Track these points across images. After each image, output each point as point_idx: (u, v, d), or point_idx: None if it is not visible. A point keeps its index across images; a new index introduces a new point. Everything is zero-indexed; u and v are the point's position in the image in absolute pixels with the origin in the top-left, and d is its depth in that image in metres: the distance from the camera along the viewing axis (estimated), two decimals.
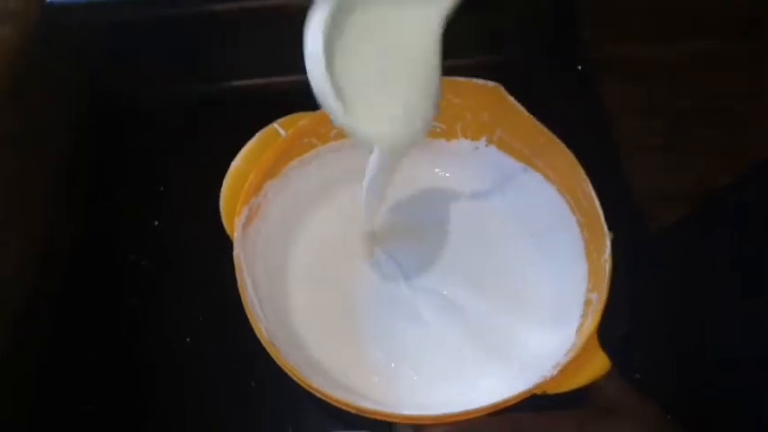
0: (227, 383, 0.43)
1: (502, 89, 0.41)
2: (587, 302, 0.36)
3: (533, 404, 0.33)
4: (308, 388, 0.33)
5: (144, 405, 0.43)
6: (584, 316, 0.36)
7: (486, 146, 0.44)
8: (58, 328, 0.45)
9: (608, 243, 0.36)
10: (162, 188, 0.50)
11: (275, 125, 0.41)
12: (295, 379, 0.33)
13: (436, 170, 0.46)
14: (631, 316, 0.40)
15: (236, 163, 0.40)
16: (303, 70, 0.53)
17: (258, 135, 0.40)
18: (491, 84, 0.41)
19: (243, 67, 0.54)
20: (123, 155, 0.52)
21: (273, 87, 0.54)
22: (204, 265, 0.46)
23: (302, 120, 0.41)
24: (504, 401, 0.32)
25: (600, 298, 0.35)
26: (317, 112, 0.41)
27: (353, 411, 0.32)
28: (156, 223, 0.48)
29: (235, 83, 0.54)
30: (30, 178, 0.47)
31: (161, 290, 0.46)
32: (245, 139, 0.41)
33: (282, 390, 0.38)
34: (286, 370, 0.33)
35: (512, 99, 0.40)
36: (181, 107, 0.53)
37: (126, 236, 0.49)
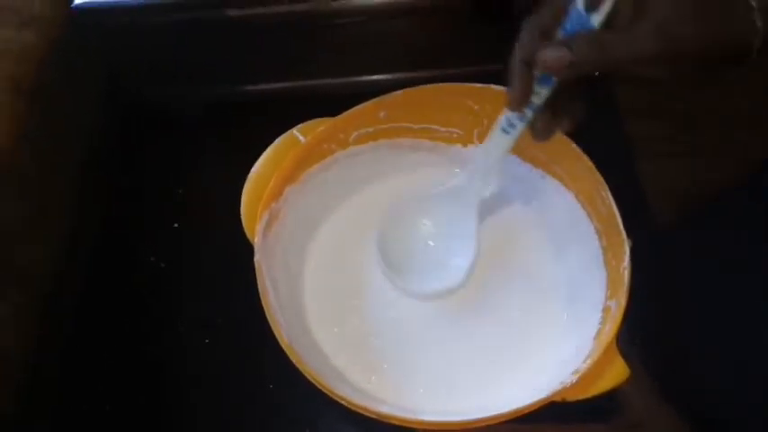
0: (244, 385, 0.43)
1: None
2: (606, 310, 0.36)
3: (555, 413, 0.33)
4: (327, 392, 0.33)
5: (161, 405, 0.43)
6: (602, 323, 0.36)
7: None
8: (78, 328, 0.46)
9: (627, 250, 0.36)
10: (181, 191, 0.51)
11: (294, 131, 0.41)
12: (314, 383, 0.33)
13: (455, 170, 0.45)
14: (648, 323, 0.40)
15: (256, 168, 0.40)
16: (323, 75, 0.55)
17: (278, 141, 0.41)
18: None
19: (263, 72, 0.54)
20: (144, 158, 0.53)
21: (293, 92, 0.55)
22: (223, 267, 0.46)
23: (321, 125, 0.41)
24: (523, 408, 0.32)
25: (619, 305, 0.35)
26: (336, 118, 0.42)
27: (372, 417, 0.33)
28: (176, 225, 0.49)
29: (255, 87, 0.55)
30: (51, 180, 0.48)
31: (180, 292, 0.47)
32: (265, 143, 0.41)
33: (299, 392, 0.38)
34: (305, 374, 0.34)
35: None
36: (201, 111, 0.53)
37: (146, 238, 0.49)
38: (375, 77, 0.54)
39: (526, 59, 0.32)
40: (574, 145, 0.40)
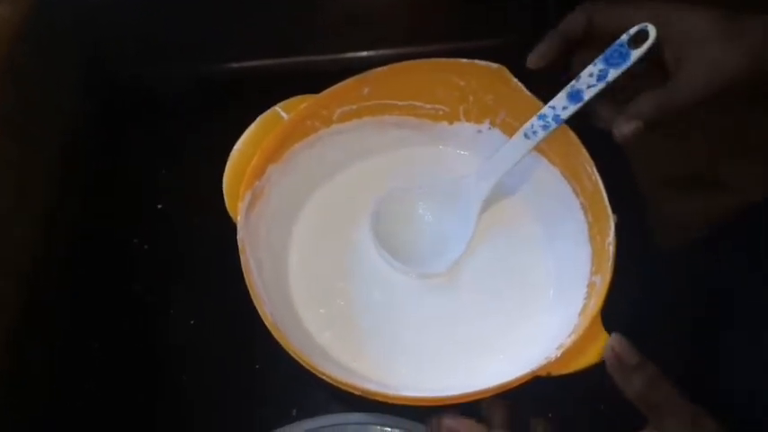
0: (231, 365, 0.43)
1: (505, 71, 0.40)
2: (591, 285, 0.36)
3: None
4: (312, 370, 0.33)
5: (149, 387, 0.43)
6: (587, 298, 0.36)
7: (490, 128, 0.44)
8: (62, 312, 0.45)
9: (612, 226, 0.36)
10: (164, 171, 0.50)
11: (277, 108, 0.40)
12: (299, 362, 0.33)
13: (440, 147, 0.46)
14: (635, 299, 0.40)
15: (238, 146, 0.39)
16: (305, 52, 0.54)
17: (260, 118, 0.40)
18: (494, 65, 0.40)
19: (247, 49, 0.53)
20: (126, 138, 0.52)
21: (277, 69, 0.54)
22: (208, 247, 0.46)
23: (304, 102, 0.41)
24: (508, 383, 0.32)
25: (603, 280, 0.35)
26: (319, 95, 0.41)
27: (358, 393, 0.33)
28: (160, 207, 0.48)
29: (239, 64, 0.54)
30: (30, 161, 0.46)
31: (164, 273, 0.46)
32: (248, 122, 0.40)
33: (286, 371, 0.38)
34: (290, 353, 0.33)
35: (516, 81, 0.40)
36: (183, 89, 0.52)
37: (129, 220, 0.48)
38: (361, 54, 0.54)
39: (566, 32, 0.36)
40: None
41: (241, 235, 0.37)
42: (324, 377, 0.33)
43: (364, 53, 0.53)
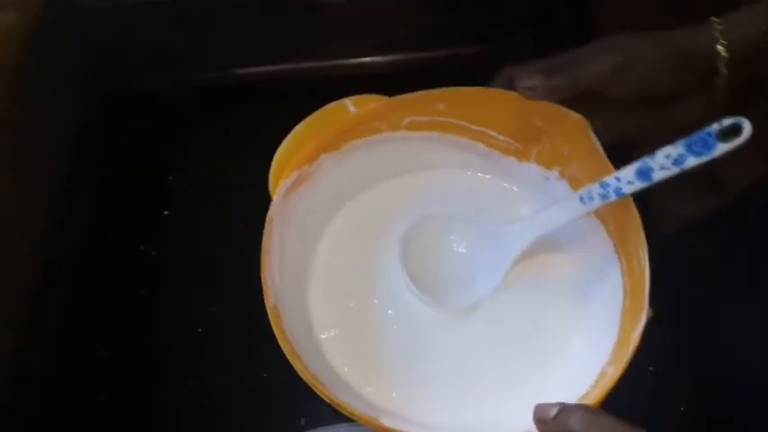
0: (238, 374, 0.43)
1: (586, 123, 0.38)
2: (602, 374, 0.34)
3: None
4: (323, 396, 0.32)
5: (155, 395, 0.43)
6: (594, 386, 0.34)
7: (559, 179, 0.41)
8: (69, 318, 0.46)
9: (643, 319, 0.33)
10: (171, 177, 0.50)
11: (346, 101, 0.40)
12: (311, 387, 0.32)
13: (503, 183, 0.44)
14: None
15: (298, 128, 0.39)
16: (310, 57, 0.51)
17: (325, 108, 0.39)
18: (576, 115, 0.38)
19: (253, 55, 0.52)
20: (131, 144, 0.52)
21: (284, 75, 0.52)
22: (214, 255, 0.45)
23: (375, 102, 0.40)
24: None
25: (615, 372, 0.32)
26: (392, 99, 0.40)
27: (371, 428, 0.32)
28: (167, 213, 0.48)
29: (245, 70, 0.52)
30: (37, 167, 0.46)
31: (171, 280, 0.46)
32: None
33: (294, 380, 0.37)
34: (301, 374, 0.32)
35: (593, 136, 0.38)
36: (188, 95, 0.51)
37: (136, 226, 0.48)
38: (365, 60, 0.52)
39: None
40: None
41: (272, 211, 0.36)
42: (331, 402, 0.32)
43: (369, 59, 0.51)
